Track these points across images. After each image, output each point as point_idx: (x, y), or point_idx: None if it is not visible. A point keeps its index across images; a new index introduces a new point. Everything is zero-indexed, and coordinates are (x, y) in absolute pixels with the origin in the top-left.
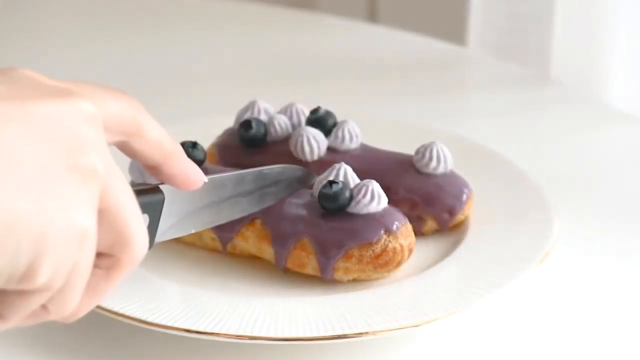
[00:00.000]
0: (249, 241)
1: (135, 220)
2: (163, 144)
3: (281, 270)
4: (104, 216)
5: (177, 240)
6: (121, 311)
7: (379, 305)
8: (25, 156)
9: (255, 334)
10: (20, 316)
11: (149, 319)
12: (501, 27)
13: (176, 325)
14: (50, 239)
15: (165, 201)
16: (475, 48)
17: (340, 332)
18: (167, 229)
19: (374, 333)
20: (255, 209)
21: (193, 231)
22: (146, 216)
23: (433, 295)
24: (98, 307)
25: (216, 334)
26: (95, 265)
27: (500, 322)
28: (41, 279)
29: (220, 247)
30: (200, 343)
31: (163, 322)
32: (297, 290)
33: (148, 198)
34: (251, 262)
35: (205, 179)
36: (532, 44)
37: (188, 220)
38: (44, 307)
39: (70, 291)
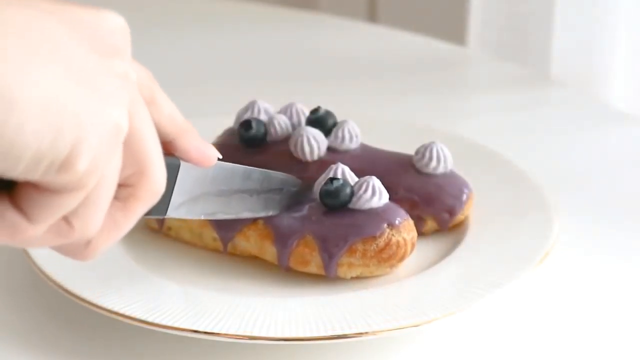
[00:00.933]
0: (251, 240)
1: (155, 149)
2: (176, 118)
3: (283, 270)
4: (127, 138)
5: (178, 240)
6: (121, 311)
7: (379, 305)
8: (69, 48)
9: (255, 334)
10: (48, 219)
11: (149, 319)
12: (501, 27)
13: (176, 325)
14: (90, 126)
15: (180, 172)
16: (475, 48)
17: (340, 332)
18: (179, 205)
19: (374, 333)
20: (260, 213)
21: (202, 217)
22: None
23: (433, 295)
24: (98, 307)
25: (216, 334)
26: (114, 197)
27: (500, 322)
28: (81, 165)
29: (221, 247)
30: (200, 343)
31: (163, 322)
32: (297, 290)
33: (165, 160)
34: (251, 262)
35: (219, 155)
36: (532, 44)
37: (199, 204)
38: (68, 222)
39: (96, 205)
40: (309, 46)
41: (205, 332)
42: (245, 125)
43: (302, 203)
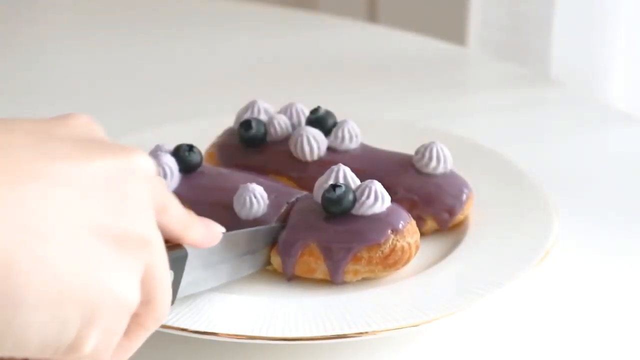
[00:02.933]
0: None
1: (166, 284)
2: (183, 218)
3: (289, 278)
4: (141, 281)
5: None
6: None
7: (379, 305)
8: (79, 223)
9: (255, 334)
10: None
11: None
12: (501, 27)
13: (176, 325)
14: (100, 310)
15: (188, 259)
16: (475, 48)
17: (340, 332)
18: (187, 285)
19: (373, 333)
20: (265, 266)
21: (210, 287)
22: (171, 272)
23: (433, 295)
24: None
25: (216, 334)
26: None
27: (500, 322)
28: (87, 349)
29: None
30: (200, 343)
31: (163, 322)
32: (297, 290)
33: (174, 255)
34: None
35: (223, 229)
36: (532, 44)
37: (208, 280)
38: None
39: (102, 356)
40: (309, 46)
41: (205, 332)
42: (245, 125)
43: (303, 202)
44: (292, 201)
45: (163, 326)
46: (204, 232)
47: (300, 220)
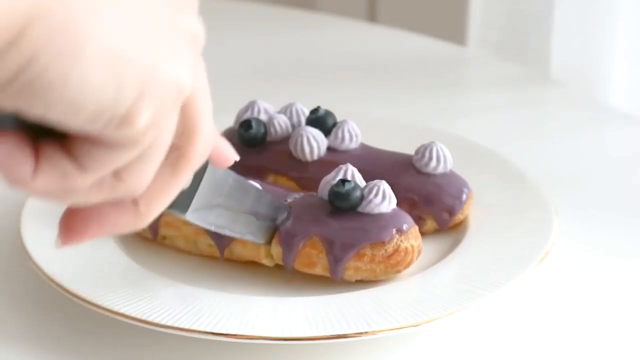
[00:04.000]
0: (248, 246)
1: (207, 110)
2: (209, 112)
3: (288, 272)
4: (182, 108)
5: (173, 248)
6: (121, 310)
7: (379, 305)
8: (139, 3)
9: (255, 334)
10: (101, 170)
11: (149, 319)
12: (501, 27)
13: (176, 325)
14: (154, 83)
15: (205, 174)
16: (475, 48)
17: (340, 332)
18: (195, 210)
19: (373, 333)
20: (260, 240)
21: (213, 228)
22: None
23: (433, 295)
24: (98, 306)
25: (216, 333)
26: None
27: (500, 322)
28: (141, 122)
29: (217, 254)
30: (200, 343)
31: (163, 322)
32: (297, 290)
33: None
34: (251, 262)
35: (237, 157)
36: (532, 44)
37: (212, 214)
38: (118, 176)
39: (150, 161)
40: (309, 46)
41: (205, 332)
42: (245, 125)
43: (308, 197)
44: (290, 201)
45: (163, 326)
46: (224, 144)
47: (305, 212)
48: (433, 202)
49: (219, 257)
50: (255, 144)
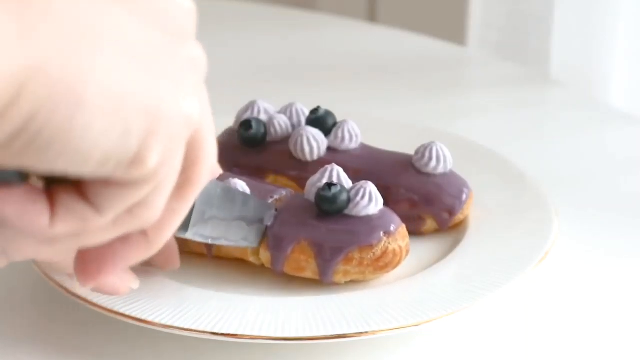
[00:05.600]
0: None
1: (211, 133)
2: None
3: (278, 275)
4: (188, 141)
5: None
6: (121, 310)
7: (379, 305)
8: (136, 35)
9: (255, 333)
10: (117, 209)
11: (150, 318)
12: (501, 27)
13: (176, 325)
14: (160, 119)
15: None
16: (475, 48)
17: (339, 332)
18: (192, 226)
19: (373, 333)
20: (253, 243)
21: (210, 241)
22: None
23: (433, 295)
24: (98, 306)
25: (216, 333)
26: None
27: (500, 322)
28: (151, 162)
29: (205, 251)
30: (200, 343)
31: (163, 322)
32: (297, 290)
33: None
34: (251, 262)
35: (178, 265)
36: (532, 44)
37: (208, 227)
38: (132, 213)
39: (161, 194)
40: (309, 46)
41: (206, 332)
42: (245, 125)
43: (295, 200)
44: (277, 198)
45: (163, 326)
46: (173, 248)
47: (292, 216)
48: (433, 202)
49: (207, 255)
50: (255, 144)
